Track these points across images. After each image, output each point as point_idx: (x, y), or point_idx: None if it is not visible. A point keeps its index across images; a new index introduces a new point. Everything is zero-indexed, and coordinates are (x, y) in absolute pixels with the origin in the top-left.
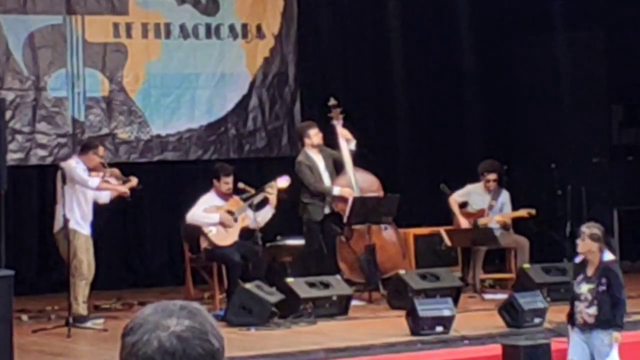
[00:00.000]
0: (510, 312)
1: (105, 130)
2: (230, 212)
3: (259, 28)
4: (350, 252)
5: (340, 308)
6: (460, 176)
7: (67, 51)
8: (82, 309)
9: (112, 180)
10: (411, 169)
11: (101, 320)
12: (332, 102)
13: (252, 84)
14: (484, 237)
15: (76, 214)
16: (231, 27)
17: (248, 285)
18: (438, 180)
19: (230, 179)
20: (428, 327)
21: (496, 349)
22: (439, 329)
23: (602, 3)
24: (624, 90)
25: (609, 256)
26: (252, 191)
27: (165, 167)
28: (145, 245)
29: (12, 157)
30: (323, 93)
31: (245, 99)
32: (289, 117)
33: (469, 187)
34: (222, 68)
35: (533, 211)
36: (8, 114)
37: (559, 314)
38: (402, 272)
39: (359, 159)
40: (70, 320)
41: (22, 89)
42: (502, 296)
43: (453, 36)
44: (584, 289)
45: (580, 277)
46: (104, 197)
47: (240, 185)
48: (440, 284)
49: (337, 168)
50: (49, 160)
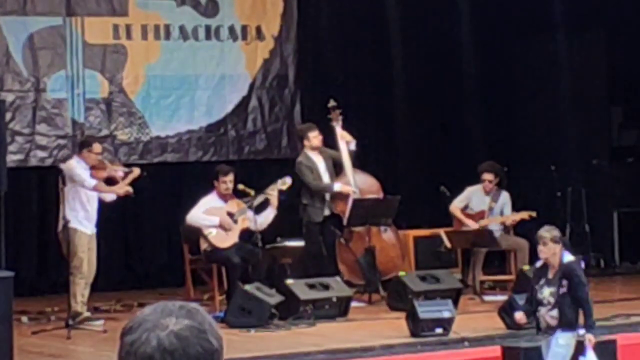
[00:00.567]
0: (510, 313)
1: (105, 132)
2: (230, 214)
3: (258, 29)
4: (350, 253)
5: (340, 310)
6: (460, 178)
7: (66, 53)
8: (80, 307)
9: (120, 173)
10: (411, 170)
11: (101, 322)
12: (332, 103)
13: (251, 86)
14: (484, 239)
15: (79, 214)
16: (231, 29)
17: (248, 287)
18: (438, 182)
19: (228, 179)
20: (428, 329)
21: (496, 350)
22: (439, 330)
23: (602, 4)
24: (624, 92)
25: (568, 257)
26: (252, 193)
27: (164, 168)
28: (145, 246)
29: (11, 159)
30: (323, 95)
31: (245, 100)
32: (289, 118)
33: (469, 190)
34: (221, 69)
35: (534, 213)
36: (8, 116)
37: None
38: (401, 273)
39: (358, 160)
40: (70, 322)
41: (22, 91)
42: (502, 298)
43: (453, 37)
44: (545, 292)
45: (542, 281)
46: (110, 195)
47: (240, 186)
48: (440, 286)
49: (337, 169)
50: (48, 161)
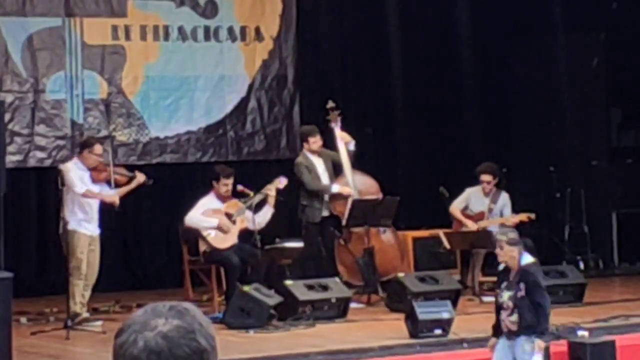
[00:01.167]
0: None
1: (104, 133)
2: (228, 215)
3: (257, 30)
4: (349, 254)
5: (338, 311)
6: (460, 179)
7: (65, 53)
8: (79, 308)
9: (119, 177)
10: (410, 171)
11: (99, 323)
12: (331, 104)
13: (250, 87)
14: (483, 240)
15: (78, 215)
16: (230, 30)
17: (247, 288)
18: (437, 183)
19: (230, 181)
20: (427, 330)
21: None
22: (438, 331)
23: (601, 6)
24: (623, 93)
25: (527, 259)
26: (251, 194)
27: (163, 169)
28: (144, 247)
29: (11, 160)
30: (321, 95)
31: (244, 101)
32: (288, 119)
33: (468, 191)
34: (220, 70)
35: (533, 215)
36: (7, 116)
37: (557, 316)
38: (400, 274)
39: (358, 161)
40: (69, 323)
41: (21, 91)
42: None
43: (452, 39)
44: (505, 296)
45: (503, 284)
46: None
47: (239, 187)
48: (439, 287)
49: (336, 170)
50: (47, 162)
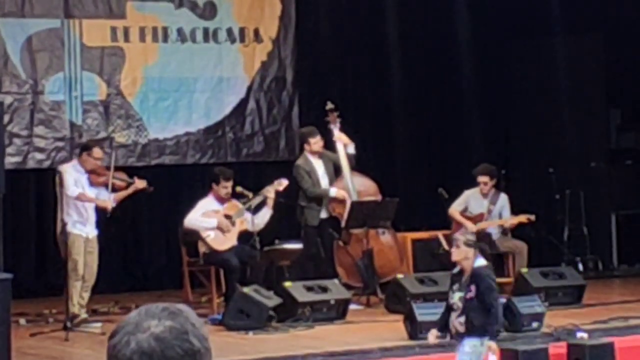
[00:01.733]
0: (508, 316)
1: (102, 134)
2: (227, 216)
3: (256, 32)
4: (348, 256)
5: (338, 312)
6: (459, 180)
7: (64, 55)
8: (77, 309)
9: (117, 182)
10: (409, 173)
11: (99, 324)
12: (330, 106)
13: (249, 88)
14: (482, 242)
15: (73, 216)
16: (229, 31)
17: (246, 289)
18: (436, 185)
19: (230, 184)
20: (426, 331)
21: None
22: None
23: (600, 7)
24: (622, 94)
25: (480, 262)
26: (250, 195)
27: (163, 170)
28: (144, 249)
29: (10, 161)
30: (321, 97)
31: (243, 102)
32: (287, 121)
33: (466, 193)
34: (219, 72)
35: (532, 217)
36: (6, 118)
37: (557, 318)
38: (400, 276)
39: (357, 163)
40: (68, 324)
41: (20, 93)
42: (500, 300)
43: (452, 40)
44: (455, 297)
45: (455, 286)
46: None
47: (238, 189)
48: (438, 288)
49: (336, 172)
50: (46, 164)
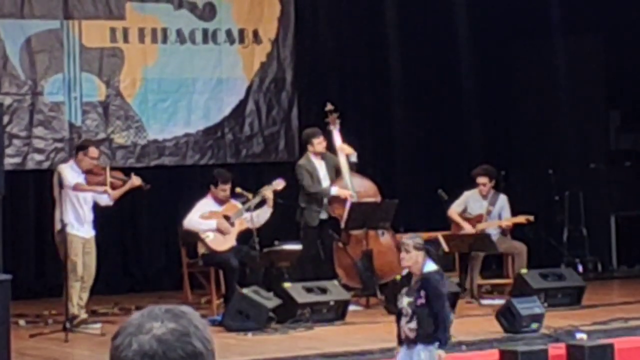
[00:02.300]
0: (508, 317)
1: (102, 135)
2: (226, 217)
3: (255, 33)
4: (348, 257)
5: (337, 313)
6: (458, 181)
7: (64, 56)
8: (77, 310)
9: (114, 180)
10: (409, 174)
11: (98, 325)
12: (329, 107)
13: (249, 89)
14: (482, 243)
15: (70, 217)
16: (228, 32)
17: (245, 290)
18: (436, 186)
19: (228, 187)
20: None
21: (493, 354)
22: None
23: (600, 9)
24: (622, 96)
25: (430, 266)
26: (249, 196)
27: (162, 172)
28: (143, 250)
29: (9, 162)
30: (320, 98)
31: (242, 104)
32: (286, 122)
33: (465, 194)
34: (219, 73)
35: (531, 218)
36: (5, 119)
37: (556, 319)
38: (399, 277)
39: (357, 165)
40: (67, 325)
41: (19, 94)
42: (500, 302)
43: (451, 41)
44: (404, 302)
45: (404, 290)
46: (105, 200)
47: (238, 190)
48: None
49: (336, 174)
50: (45, 164)
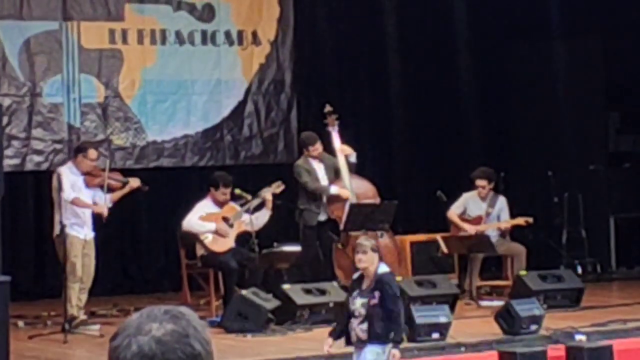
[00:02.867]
0: (507, 319)
1: (100, 136)
2: (225, 219)
3: (254, 34)
4: (347, 258)
5: (336, 315)
6: (457, 183)
7: (63, 57)
8: (75, 311)
9: (113, 182)
10: (408, 175)
11: (97, 326)
12: (328, 108)
13: (247, 91)
14: (481, 244)
15: (70, 218)
16: (227, 34)
17: (244, 292)
18: (435, 187)
19: (228, 190)
20: (424, 334)
21: (492, 356)
22: (436, 335)
23: (599, 10)
24: (621, 97)
25: (383, 268)
26: (248, 197)
27: (161, 173)
28: (142, 251)
29: (8, 163)
30: (319, 100)
31: (241, 105)
32: (285, 123)
33: (465, 196)
34: (218, 74)
35: (530, 219)
36: (4, 120)
37: (555, 320)
38: (398, 278)
39: (357, 166)
40: (66, 326)
41: (18, 95)
42: (499, 303)
43: (450, 43)
44: (357, 304)
45: (356, 292)
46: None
47: (237, 191)
48: (436, 291)
49: (336, 175)
50: (44, 166)
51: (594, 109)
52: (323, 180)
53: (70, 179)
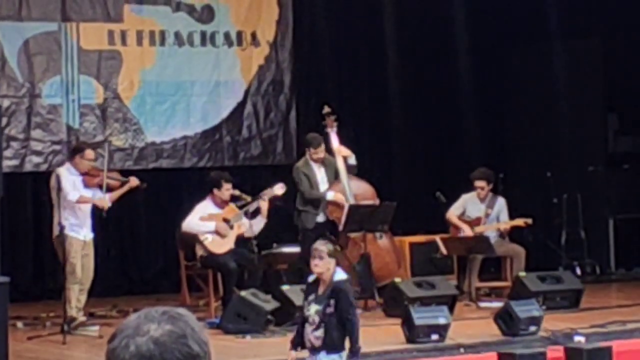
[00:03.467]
0: (506, 320)
1: (99, 138)
2: (226, 220)
3: (254, 36)
4: (346, 260)
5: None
6: (456, 184)
7: (62, 58)
8: (75, 312)
9: (111, 182)
10: (407, 176)
11: (96, 328)
12: (327, 109)
13: (246, 92)
14: (480, 245)
15: (70, 219)
16: (226, 35)
17: (244, 293)
18: (434, 188)
19: (231, 185)
20: (424, 335)
21: (492, 357)
22: (435, 337)
23: (598, 12)
24: (620, 99)
25: (340, 275)
26: (248, 199)
27: (160, 174)
28: (141, 252)
29: (7, 164)
30: (318, 101)
31: (240, 106)
32: (284, 124)
33: (464, 197)
34: (217, 75)
35: (530, 220)
36: (3, 121)
37: (554, 322)
38: (397, 280)
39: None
40: (65, 327)
41: (17, 96)
42: (498, 304)
43: (449, 45)
44: (312, 310)
45: (311, 297)
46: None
47: (236, 192)
48: (435, 292)
49: (336, 177)
50: (43, 167)
51: (593, 110)
52: (322, 185)
53: (69, 180)
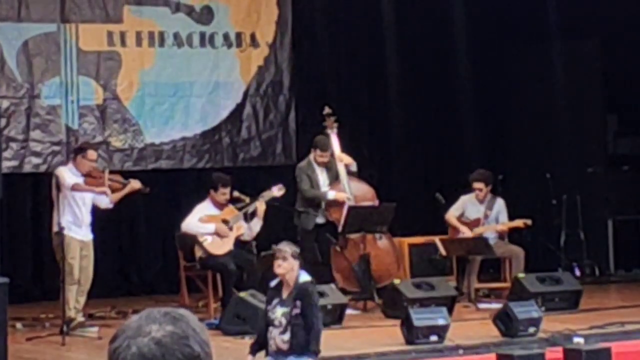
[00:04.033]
0: (505, 321)
1: (99, 139)
2: (225, 221)
3: (253, 37)
4: (345, 261)
5: (334, 317)
6: (456, 185)
7: (61, 59)
8: (73, 313)
9: (113, 183)
10: (406, 178)
11: (95, 329)
12: (327, 110)
13: (246, 93)
14: (479, 247)
15: (68, 219)
16: (225, 36)
17: (243, 294)
18: (433, 190)
19: (228, 190)
20: (423, 336)
21: (491, 358)
22: (434, 338)
23: (597, 13)
24: (619, 100)
25: (305, 277)
26: (247, 200)
27: (159, 175)
28: (140, 253)
29: (6, 165)
30: (317, 102)
31: (240, 107)
32: (284, 126)
33: (463, 198)
34: (216, 77)
35: (529, 221)
36: (2, 122)
37: (553, 323)
38: (396, 281)
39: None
40: (64, 328)
41: (16, 97)
42: (497, 305)
43: (448, 46)
44: (278, 313)
45: (276, 300)
46: (105, 202)
47: (235, 193)
48: (435, 293)
49: (336, 178)
50: (43, 168)
51: (592, 111)
52: (324, 186)
53: (69, 177)
